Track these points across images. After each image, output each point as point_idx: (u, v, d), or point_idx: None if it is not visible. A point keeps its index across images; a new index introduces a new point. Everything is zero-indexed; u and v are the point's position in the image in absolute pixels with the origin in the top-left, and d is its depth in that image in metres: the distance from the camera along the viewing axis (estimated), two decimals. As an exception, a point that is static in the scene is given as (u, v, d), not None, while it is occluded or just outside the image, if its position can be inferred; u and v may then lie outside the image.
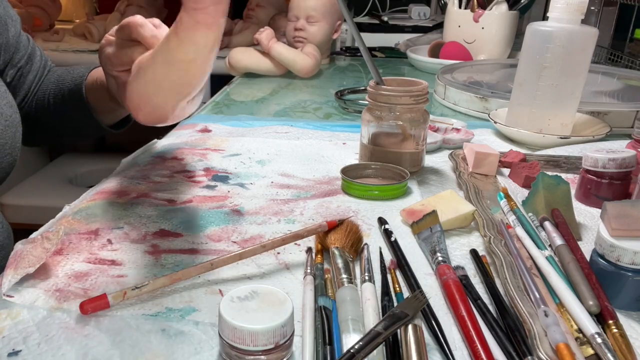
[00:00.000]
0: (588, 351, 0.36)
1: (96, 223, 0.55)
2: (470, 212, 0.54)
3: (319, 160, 0.74)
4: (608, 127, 0.81)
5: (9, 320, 0.40)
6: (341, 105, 1.02)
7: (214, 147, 0.78)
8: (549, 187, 0.53)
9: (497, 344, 0.37)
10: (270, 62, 1.23)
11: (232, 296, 0.36)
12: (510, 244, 0.48)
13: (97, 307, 0.40)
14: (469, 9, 1.32)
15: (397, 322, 0.36)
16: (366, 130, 0.68)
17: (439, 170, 0.71)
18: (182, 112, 0.50)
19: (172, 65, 0.44)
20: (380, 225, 0.54)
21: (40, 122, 0.72)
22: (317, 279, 0.44)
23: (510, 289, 0.42)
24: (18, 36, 0.68)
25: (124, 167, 0.70)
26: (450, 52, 1.31)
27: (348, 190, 0.63)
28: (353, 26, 0.65)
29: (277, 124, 0.90)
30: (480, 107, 0.95)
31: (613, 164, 0.57)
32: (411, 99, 0.64)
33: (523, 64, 0.79)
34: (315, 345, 0.37)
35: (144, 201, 0.60)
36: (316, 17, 1.28)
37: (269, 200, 0.61)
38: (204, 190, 0.64)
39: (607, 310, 0.39)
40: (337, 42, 1.59)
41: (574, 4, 0.71)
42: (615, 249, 0.41)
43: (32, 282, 0.44)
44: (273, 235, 0.53)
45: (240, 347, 0.34)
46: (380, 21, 1.88)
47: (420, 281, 0.45)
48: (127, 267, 0.47)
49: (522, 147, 0.79)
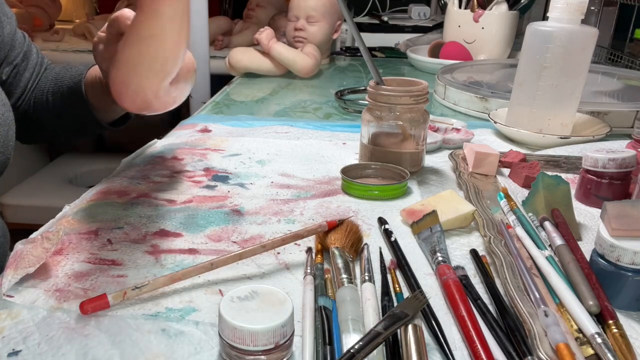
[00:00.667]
0: (588, 351, 0.36)
1: (96, 223, 0.55)
2: (470, 212, 0.54)
3: (319, 160, 0.74)
4: (608, 127, 0.81)
5: (9, 320, 0.40)
6: (341, 105, 1.02)
7: (214, 147, 0.78)
8: (549, 187, 0.53)
9: (497, 344, 0.37)
10: (270, 62, 1.23)
11: (232, 296, 0.36)
12: (510, 244, 0.48)
13: (97, 307, 0.40)
14: (469, 9, 1.32)
15: (397, 322, 0.36)
16: (366, 130, 0.68)
17: (439, 170, 0.71)
18: (168, 97, 0.49)
19: (141, 42, 0.44)
20: (380, 225, 0.54)
21: (39, 120, 0.72)
22: (317, 279, 0.44)
23: (510, 289, 0.42)
24: (14, 34, 0.68)
25: (124, 167, 0.70)
26: (450, 52, 1.31)
27: (348, 190, 0.63)
28: (353, 26, 0.65)
29: (277, 124, 0.90)
30: (480, 107, 0.95)
31: (613, 164, 0.57)
32: (411, 99, 0.64)
33: (523, 64, 0.79)
34: (315, 345, 0.37)
35: (144, 201, 0.60)
36: (316, 17, 1.28)
37: (269, 200, 0.61)
38: (204, 190, 0.64)
39: (607, 310, 0.39)
40: (337, 42, 1.59)
41: (574, 4, 0.71)
42: (615, 249, 0.41)
43: (32, 282, 0.44)
44: (273, 235, 0.53)
45: (240, 347, 0.34)
46: (380, 21, 1.88)
47: (420, 281, 0.45)
48: (127, 267, 0.47)
49: (522, 147, 0.79)
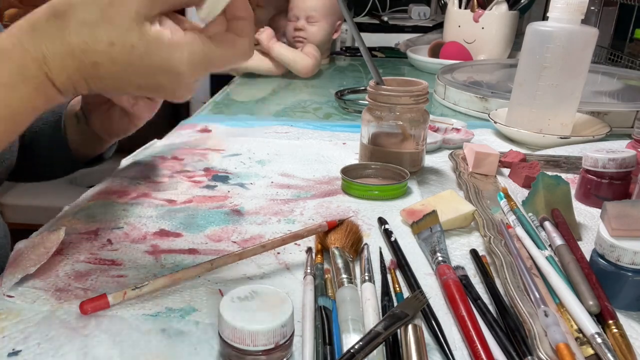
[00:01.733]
0: (588, 351, 0.36)
1: (96, 223, 0.55)
2: (470, 212, 0.54)
3: (319, 160, 0.74)
4: (608, 127, 0.81)
5: (9, 320, 0.40)
6: (341, 105, 1.02)
7: (214, 147, 0.78)
8: (549, 187, 0.53)
9: (497, 344, 0.37)
10: (270, 62, 1.23)
11: (232, 296, 0.36)
12: (510, 244, 0.48)
13: (97, 307, 0.40)
14: (469, 9, 1.32)
15: (397, 322, 0.36)
16: (366, 130, 0.68)
17: (439, 170, 0.71)
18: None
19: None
20: (380, 225, 0.54)
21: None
22: (317, 279, 0.44)
23: (510, 289, 0.42)
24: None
25: (124, 167, 0.70)
26: (450, 52, 1.31)
27: (348, 190, 0.63)
28: (353, 26, 0.65)
29: (277, 124, 0.90)
30: (480, 107, 0.95)
31: (613, 164, 0.57)
32: (411, 99, 0.64)
33: (523, 64, 0.79)
34: (315, 345, 0.37)
35: (144, 201, 0.60)
36: (316, 17, 1.28)
37: (269, 200, 0.61)
38: (204, 190, 0.64)
39: (607, 310, 0.39)
40: (337, 42, 1.59)
41: (574, 4, 0.71)
42: (615, 249, 0.41)
43: (32, 282, 0.44)
44: (273, 235, 0.53)
45: (240, 347, 0.34)
46: (380, 21, 1.88)
47: (420, 281, 0.45)
48: (127, 267, 0.47)
49: (522, 147, 0.79)
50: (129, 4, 0.36)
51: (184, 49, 0.37)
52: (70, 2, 0.37)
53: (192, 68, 0.38)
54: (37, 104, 0.39)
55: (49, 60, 0.37)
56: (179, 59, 0.37)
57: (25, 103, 0.38)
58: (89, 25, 0.36)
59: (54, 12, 0.37)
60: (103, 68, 0.37)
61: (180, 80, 0.39)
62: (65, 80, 0.38)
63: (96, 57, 0.37)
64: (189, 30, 0.38)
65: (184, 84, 0.39)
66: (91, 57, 0.37)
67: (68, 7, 0.37)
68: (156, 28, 0.37)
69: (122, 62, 0.37)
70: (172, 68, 0.38)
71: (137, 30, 0.36)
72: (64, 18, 0.37)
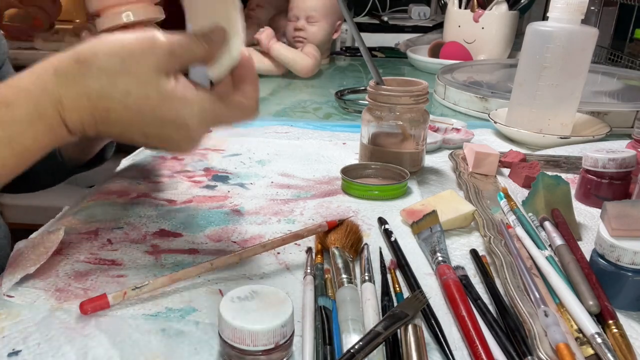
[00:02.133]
0: (588, 351, 0.36)
1: (96, 223, 0.55)
2: (470, 212, 0.54)
3: (319, 160, 0.74)
4: (608, 127, 0.81)
5: (9, 320, 0.40)
6: (341, 105, 1.02)
7: (214, 147, 0.78)
8: (549, 187, 0.53)
9: (497, 344, 0.37)
10: (270, 62, 1.23)
11: (232, 296, 0.36)
12: (510, 244, 0.48)
13: (97, 307, 0.40)
14: (469, 9, 1.32)
15: (397, 322, 0.36)
16: (366, 130, 0.68)
17: (439, 170, 0.71)
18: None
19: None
20: (380, 225, 0.54)
21: None
22: (317, 279, 0.44)
23: (510, 289, 0.42)
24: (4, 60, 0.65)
25: (124, 167, 0.70)
26: (450, 52, 1.31)
27: (348, 190, 0.63)
28: (353, 26, 0.65)
29: (277, 124, 0.90)
30: (480, 107, 0.95)
31: (613, 164, 0.57)
32: (411, 99, 0.64)
33: (523, 64, 0.79)
34: (315, 345, 0.37)
35: (144, 201, 0.60)
36: (316, 17, 1.27)
37: (269, 200, 0.61)
38: (204, 190, 0.64)
39: (607, 310, 0.39)
40: (337, 42, 1.59)
41: (574, 4, 0.71)
42: (615, 249, 0.41)
43: (32, 282, 0.44)
44: (273, 235, 0.53)
45: (240, 347, 0.34)
46: (380, 21, 1.88)
47: (420, 281, 0.45)
48: (127, 267, 0.47)
49: (522, 147, 0.79)
50: (150, 58, 0.38)
51: (195, 105, 0.40)
52: (94, 50, 0.39)
53: (200, 123, 0.41)
54: (47, 142, 0.40)
55: (64, 99, 0.39)
56: (189, 114, 0.40)
57: (37, 141, 0.40)
58: (108, 73, 0.38)
59: (77, 57, 0.39)
60: (115, 114, 0.39)
61: (187, 133, 0.41)
62: (77, 121, 0.40)
63: (111, 103, 0.39)
64: (200, 89, 0.41)
65: (190, 137, 0.41)
66: (106, 102, 0.39)
67: (91, 54, 0.39)
68: (171, 83, 0.39)
69: (134, 110, 0.39)
70: (182, 122, 0.40)
71: (154, 83, 0.39)
72: (86, 64, 0.39)
